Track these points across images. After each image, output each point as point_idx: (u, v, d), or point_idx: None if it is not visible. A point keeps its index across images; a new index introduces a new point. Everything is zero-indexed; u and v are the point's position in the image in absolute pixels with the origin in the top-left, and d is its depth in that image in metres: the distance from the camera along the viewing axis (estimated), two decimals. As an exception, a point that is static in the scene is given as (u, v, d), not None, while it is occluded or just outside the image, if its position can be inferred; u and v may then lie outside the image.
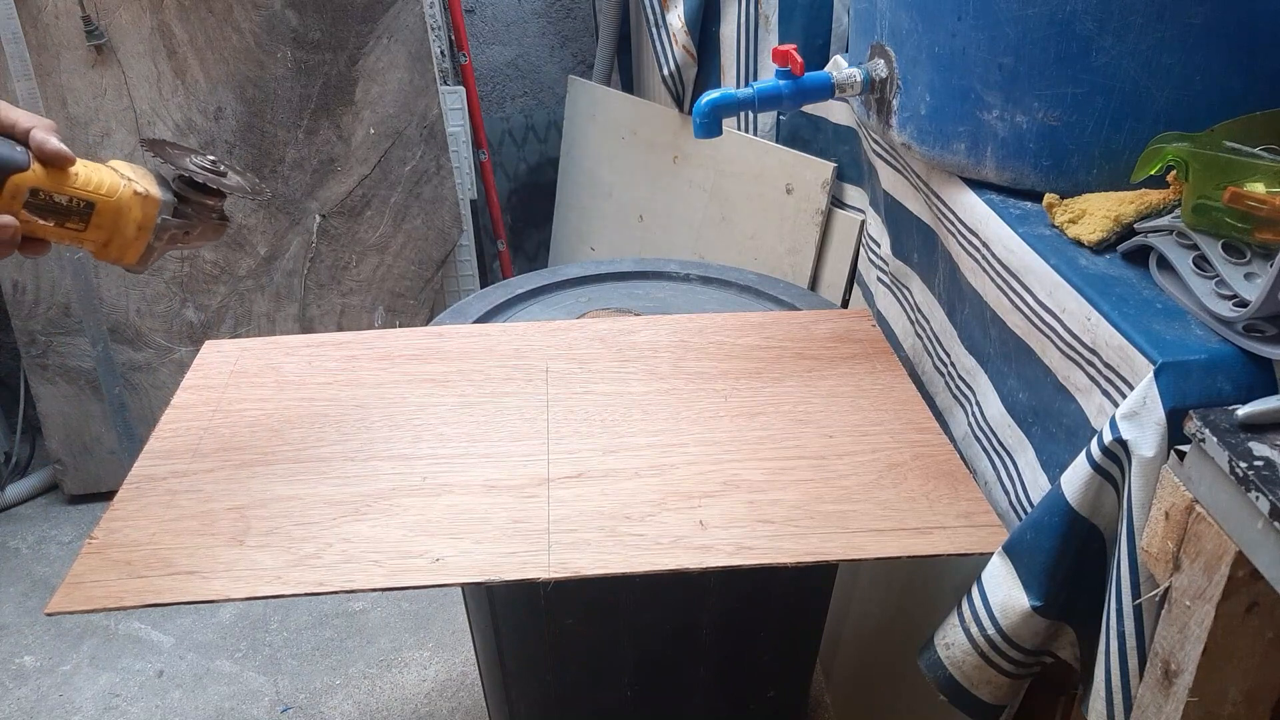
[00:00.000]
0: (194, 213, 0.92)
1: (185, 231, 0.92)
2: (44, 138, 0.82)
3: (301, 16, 1.99)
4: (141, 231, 0.89)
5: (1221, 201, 0.75)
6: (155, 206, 0.89)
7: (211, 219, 0.94)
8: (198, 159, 0.92)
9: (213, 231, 0.95)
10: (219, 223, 0.95)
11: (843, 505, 0.90)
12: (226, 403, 1.09)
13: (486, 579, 0.83)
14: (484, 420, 1.05)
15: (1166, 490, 0.68)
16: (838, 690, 1.61)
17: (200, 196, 0.92)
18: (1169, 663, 0.69)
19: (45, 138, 0.82)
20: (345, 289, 2.20)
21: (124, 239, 0.89)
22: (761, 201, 1.92)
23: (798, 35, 1.77)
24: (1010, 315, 0.93)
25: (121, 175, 0.88)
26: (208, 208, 0.93)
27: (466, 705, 1.73)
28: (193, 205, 0.92)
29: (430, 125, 2.14)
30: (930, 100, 1.02)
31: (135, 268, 0.92)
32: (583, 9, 2.66)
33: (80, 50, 1.91)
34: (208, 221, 0.94)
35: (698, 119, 1.11)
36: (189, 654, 1.84)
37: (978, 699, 0.87)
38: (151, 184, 0.90)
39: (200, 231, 0.94)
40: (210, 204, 0.93)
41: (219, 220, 0.95)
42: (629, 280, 1.44)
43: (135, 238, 0.89)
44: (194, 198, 0.92)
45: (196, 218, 0.93)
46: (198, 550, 0.86)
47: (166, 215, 0.90)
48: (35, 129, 0.83)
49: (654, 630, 1.13)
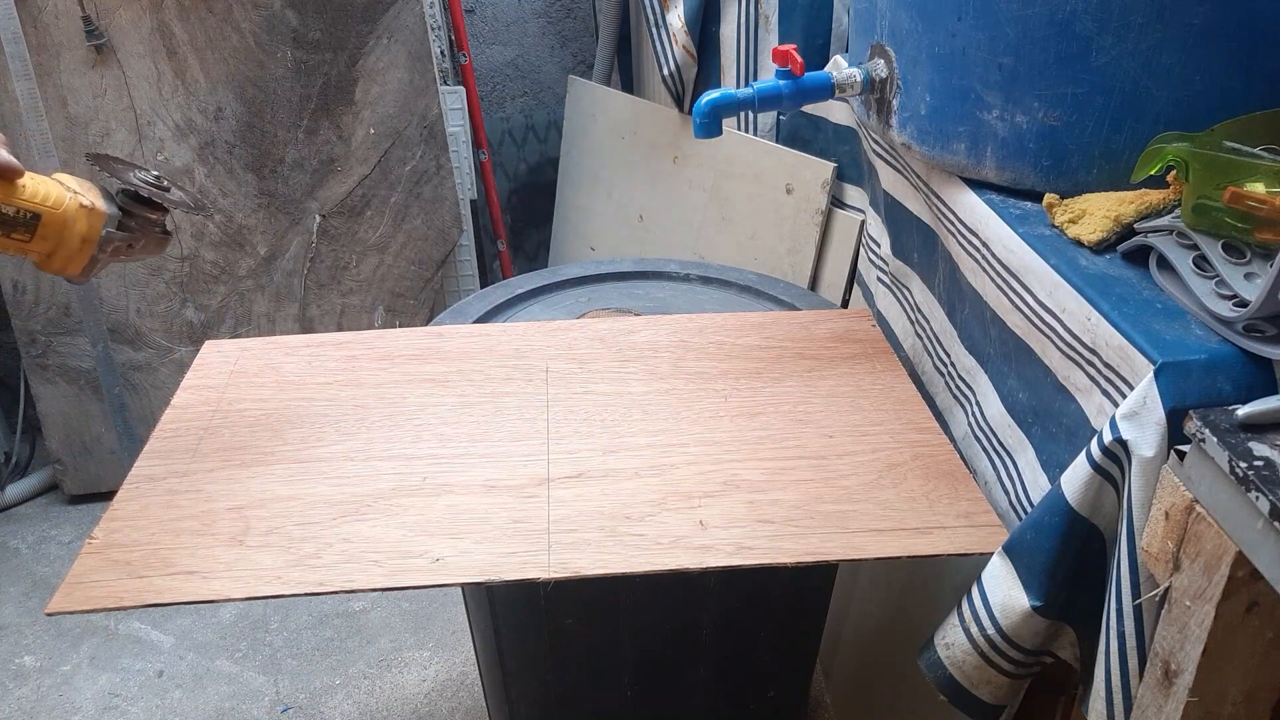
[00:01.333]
0: (138, 226, 0.95)
1: (129, 244, 0.94)
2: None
3: (301, 16, 1.99)
4: (86, 244, 0.91)
5: (1221, 201, 0.75)
6: (100, 219, 0.91)
7: (155, 232, 0.96)
8: (142, 174, 0.94)
9: (155, 245, 0.97)
10: (162, 236, 0.97)
11: (843, 505, 0.90)
12: (226, 403, 1.09)
13: (486, 579, 0.83)
14: (484, 420, 1.05)
15: (1166, 490, 0.68)
16: (838, 690, 1.61)
17: (144, 210, 0.94)
18: (1169, 663, 0.69)
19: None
20: (345, 289, 2.20)
21: (69, 251, 0.90)
22: (761, 201, 1.92)
23: (798, 35, 1.77)
24: (1010, 315, 0.93)
25: (68, 188, 0.89)
26: (151, 221, 0.95)
27: (466, 705, 1.73)
28: (136, 219, 0.94)
29: (430, 125, 2.14)
30: (930, 100, 1.02)
31: (78, 279, 0.94)
32: (583, 9, 2.66)
33: (80, 50, 1.91)
34: (151, 235, 0.96)
35: (698, 119, 1.11)
36: (189, 654, 1.84)
37: (978, 699, 0.87)
38: (97, 197, 0.92)
39: (144, 244, 0.96)
40: (154, 218, 0.95)
41: (162, 234, 0.97)
42: (629, 280, 1.44)
43: (80, 250, 0.91)
44: (138, 212, 0.94)
45: (140, 231, 0.95)
46: (198, 550, 0.86)
47: (111, 228, 0.92)
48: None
49: (654, 630, 1.13)
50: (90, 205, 0.90)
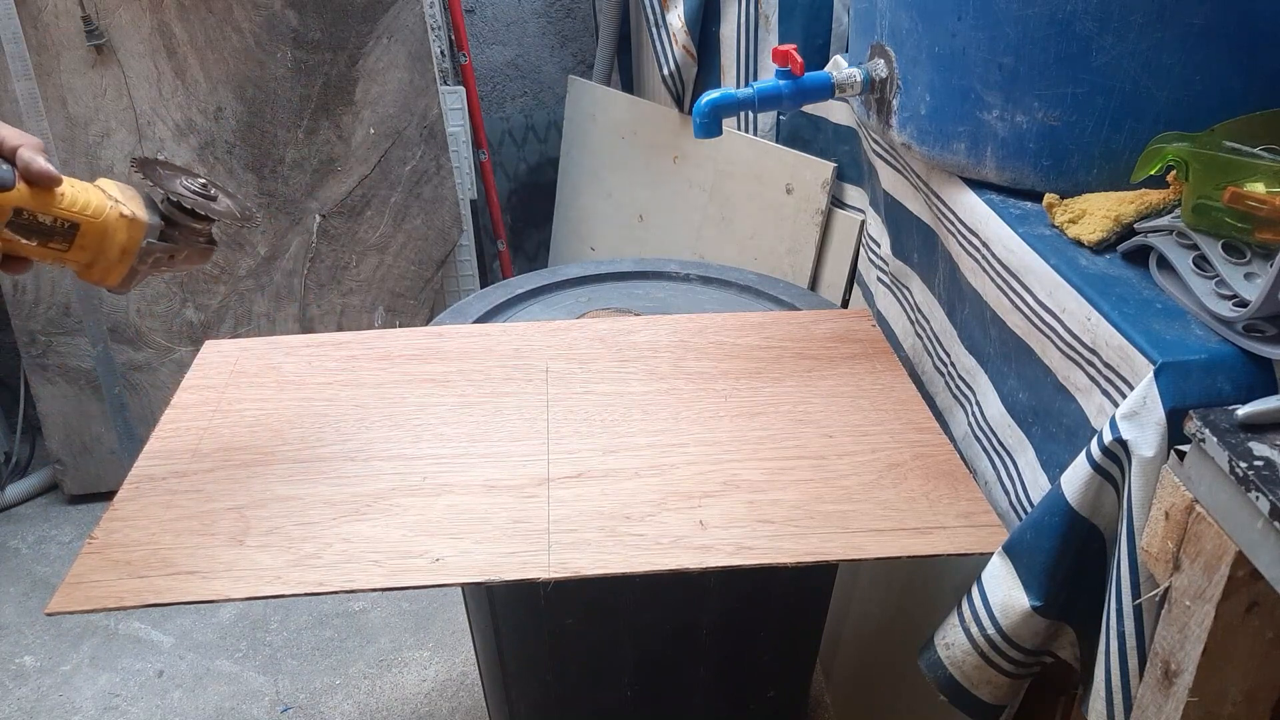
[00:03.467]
0: (180, 237, 0.90)
1: (170, 255, 0.91)
2: (30, 156, 0.81)
3: (301, 16, 1.99)
4: (125, 254, 0.87)
5: (1221, 201, 0.75)
6: (141, 230, 0.87)
7: (199, 243, 0.92)
8: (188, 181, 0.90)
9: (199, 256, 0.93)
10: (206, 247, 0.93)
11: (843, 505, 0.90)
12: (226, 403, 1.09)
13: (486, 579, 0.83)
14: (484, 420, 1.05)
15: (1166, 490, 0.68)
16: (838, 690, 1.61)
17: (188, 220, 0.90)
18: (1169, 663, 0.69)
19: (32, 157, 0.81)
20: (345, 289, 2.20)
21: (107, 261, 0.87)
22: (761, 201, 1.92)
23: (798, 35, 1.77)
24: (1010, 315, 0.93)
25: (109, 196, 0.86)
26: (195, 232, 0.91)
27: (466, 705, 1.73)
28: (180, 229, 0.90)
29: (430, 125, 2.14)
30: (930, 100, 1.02)
31: (118, 289, 0.90)
32: (583, 9, 2.66)
33: (80, 50, 1.91)
34: (194, 246, 0.92)
35: (698, 119, 1.11)
36: (189, 654, 1.84)
37: (978, 699, 0.87)
38: (139, 206, 0.88)
39: (186, 255, 0.92)
40: (198, 228, 0.91)
41: (206, 244, 0.93)
42: (629, 280, 1.44)
43: (119, 260, 0.87)
44: (182, 221, 0.90)
45: (183, 241, 0.90)
46: (198, 550, 0.86)
47: (152, 239, 0.88)
48: (22, 147, 0.81)
49: (654, 630, 1.13)
50: (131, 215, 0.86)
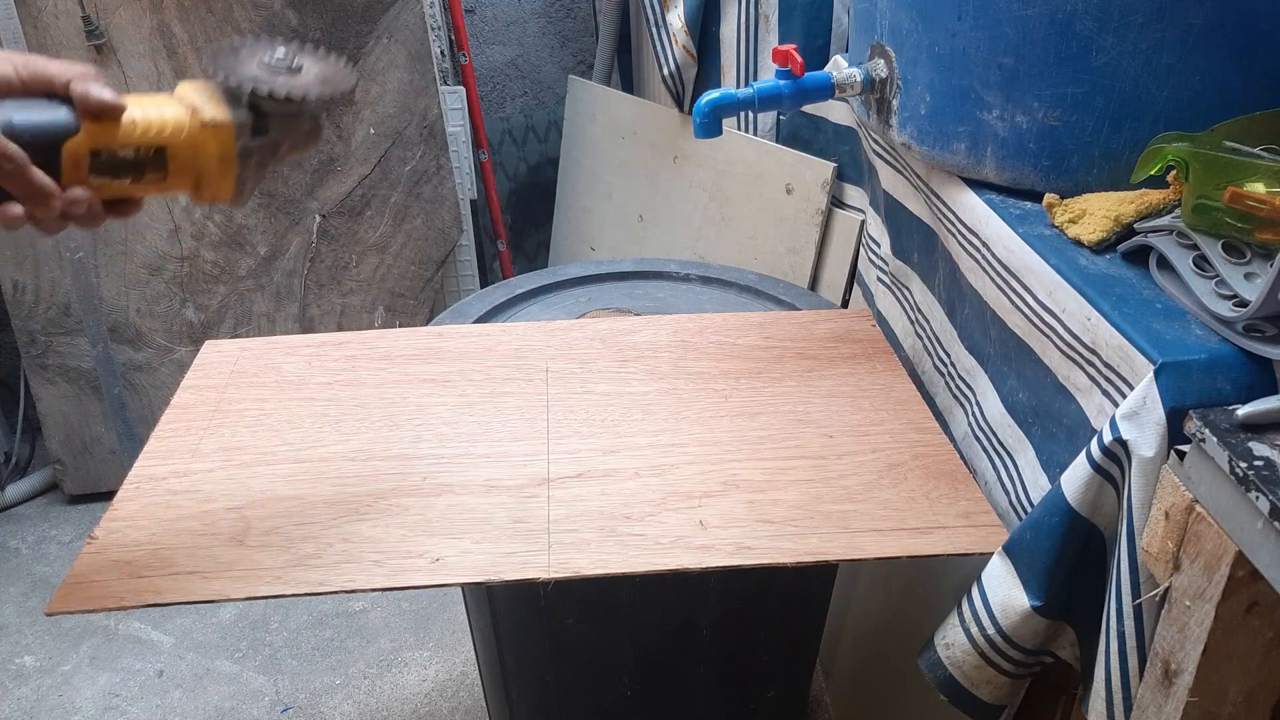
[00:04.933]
0: (276, 125, 0.77)
1: (273, 149, 0.78)
2: (85, 88, 0.70)
3: (301, 16, 1.99)
4: (225, 164, 0.76)
5: (1221, 201, 0.75)
6: (230, 132, 0.75)
7: (300, 128, 0.79)
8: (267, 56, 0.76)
9: (305, 140, 0.81)
10: (310, 129, 0.80)
11: (843, 505, 0.90)
12: (226, 403, 1.09)
13: (486, 579, 0.83)
14: (484, 420, 1.05)
15: (1166, 490, 0.68)
16: (838, 690, 1.61)
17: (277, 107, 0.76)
18: (1169, 663, 0.69)
19: (87, 88, 0.70)
20: (345, 289, 2.20)
21: (211, 177, 0.76)
22: (761, 201, 1.92)
23: (798, 35, 1.77)
24: (1010, 315, 0.93)
25: (186, 106, 0.74)
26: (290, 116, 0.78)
27: (466, 705, 1.73)
28: (272, 119, 0.77)
29: (430, 125, 2.14)
30: (930, 100, 1.02)
31: (235, 203, 0.80)
32: (583, 9, 2.66)
33: (80, 50, 1.91)
34: (295, 132, 0.79)
35: (698, 119, 1.11)
36: (189, 654, 1.84)
37: (978, 699, 0.87)
38: (219, 107, 0.75)
39: (290, 144, 0.80)
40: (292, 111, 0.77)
41: (310, 128, 0.80)
42: (629, 280, 1.44)
43: (222, 173, 0.76)
44: (273, 109, 0.76)
45: (281, 130, 0.78)
46: (198, 550, 0.86)
47: (245, 140, 0.76)
48: (74, 80, 0.70)
49: (654, 630, 1.13)
50: (213, 120, 0.74)
